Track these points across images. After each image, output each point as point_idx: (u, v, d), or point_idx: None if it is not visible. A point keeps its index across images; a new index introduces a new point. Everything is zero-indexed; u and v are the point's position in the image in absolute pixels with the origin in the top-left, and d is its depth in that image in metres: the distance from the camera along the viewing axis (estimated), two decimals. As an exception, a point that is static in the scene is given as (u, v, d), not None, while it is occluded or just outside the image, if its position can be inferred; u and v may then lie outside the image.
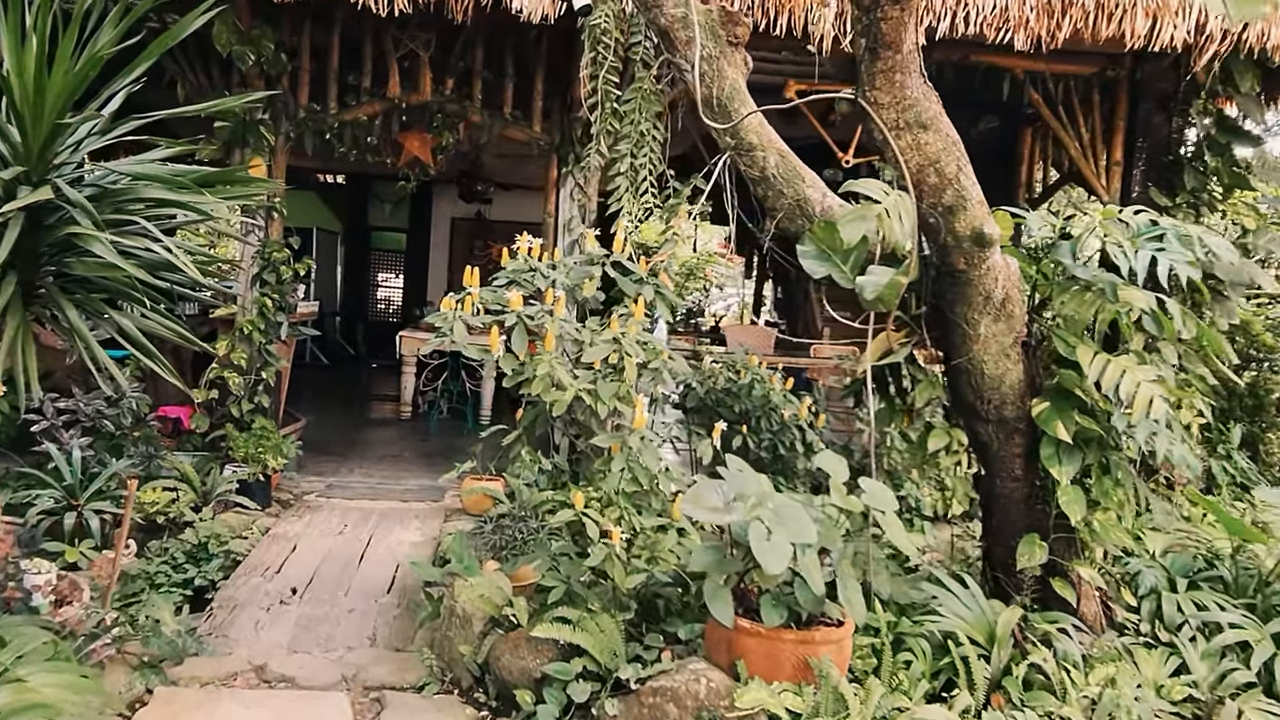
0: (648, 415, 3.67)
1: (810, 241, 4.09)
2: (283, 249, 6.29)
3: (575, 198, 6.76)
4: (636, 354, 3.60)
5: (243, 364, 6.22)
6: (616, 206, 4.25)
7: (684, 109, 4.54)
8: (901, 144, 3.76)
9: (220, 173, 2.98)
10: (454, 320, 3.60)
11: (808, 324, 10.34)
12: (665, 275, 4.08)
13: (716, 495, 3.17)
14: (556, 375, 3.48)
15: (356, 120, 6.47)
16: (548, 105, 6.87)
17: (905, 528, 6.34)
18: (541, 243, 3.88)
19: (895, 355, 4.14)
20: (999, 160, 9.03)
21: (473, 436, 8.74)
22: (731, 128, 4.17)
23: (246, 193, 3.08)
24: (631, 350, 3.59)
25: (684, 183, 4.50)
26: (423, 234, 14.28)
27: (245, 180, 3.05)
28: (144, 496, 5.31)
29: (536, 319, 3.58)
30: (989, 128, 9.35)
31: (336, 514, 5.77)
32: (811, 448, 5.91)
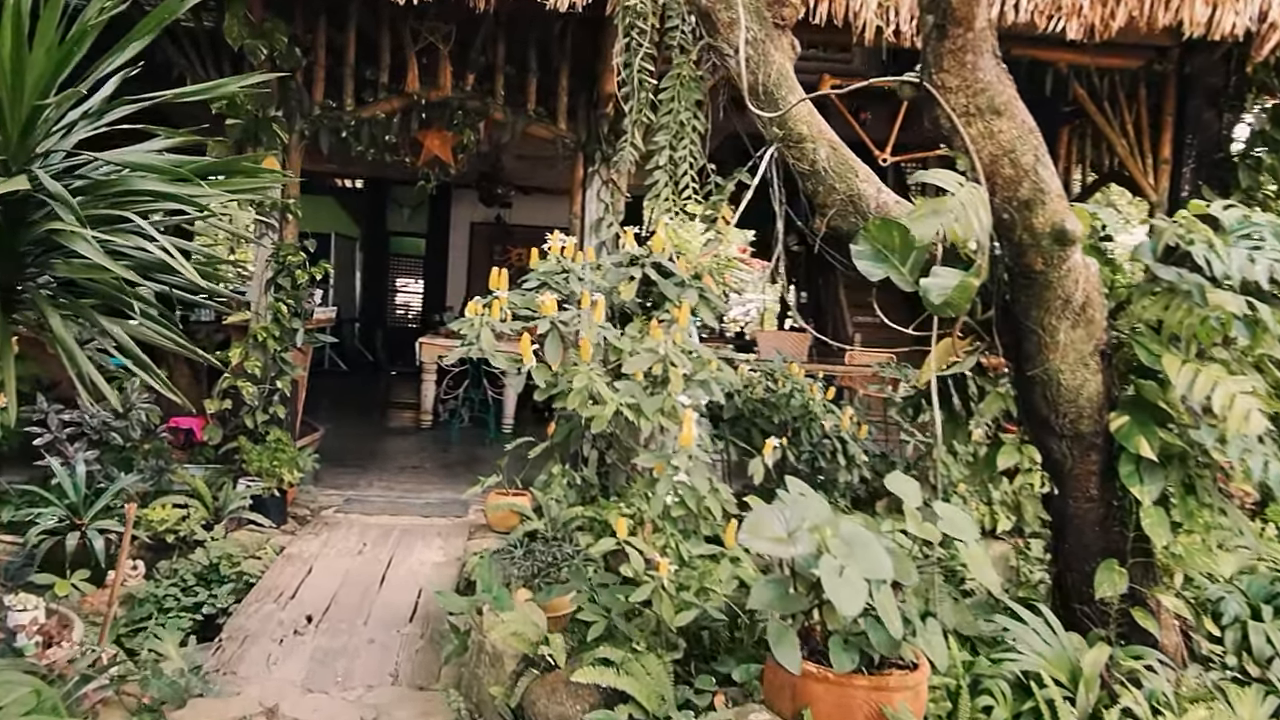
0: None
1: (865, 240, 3.75)
2: (298, 252, 6.01)
3: (602, 197, 6.45)
4: (682, 364, 3.27)
5: (257, 373, 5.93)
6: (655, 203, 3.94)
7: (725, 98, 4.22)
8: (972, 131, 3.42)
9: (223, 163, 2.68)
10: (481, 327, 3.28)
11: (837, 329, 10.00)
12: (709, 278, 3.75)
13: (777, 523, 2.84)
14: (595, 388, 3.15)
15: (374, 118, 6.19)
16: (573, 101, 6.57)
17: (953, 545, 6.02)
18: (575, 242, 3.56)
19: (960, 364, 3.79)
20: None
21: (495, 446, 8.47)
22: (779, 117, 3.85)
23: (254, 185, 2.77)
24: (677, 360, 3.26)
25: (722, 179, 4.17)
26: (441, 239, 14.01)
27: (252, 171, 2.74)
28: (153, 514, 5.03)
29: (571, 325, 3.26)
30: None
31: (355, 531, 5.47)
32: (853, 460, 5.56)
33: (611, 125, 6.37)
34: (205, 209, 2.56)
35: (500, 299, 3.42)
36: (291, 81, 5.98)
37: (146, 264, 2.70)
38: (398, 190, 14.14)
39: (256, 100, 5.77)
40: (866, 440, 5.73)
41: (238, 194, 2.73)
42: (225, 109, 5.72)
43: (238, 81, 2.82)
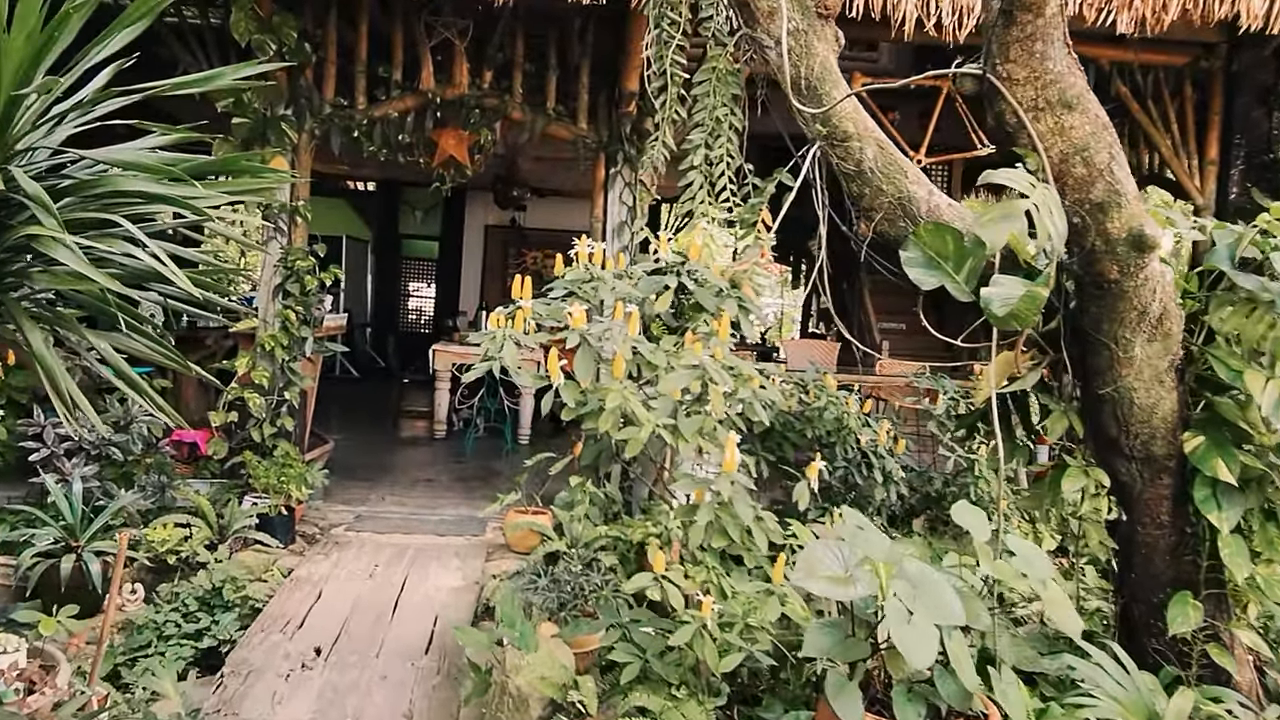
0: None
1: (915, 246, 3.47)
2: (307, 257, 5.75)
3: (625, 200, 6.18)
4: (724, 381, 2.99)
5: (264, 383, 5.68)
6: (689, 205, 3.66)
7: (763, 93, 3.93)
8: (1041, 127, 3.13)
9: (223, 161, 2.41)
10: (504, 340, 3.01)
11: (862, 336, 9.71)
12: (748, 286, 3.47)
13: (834, 560, 2.56)
14: (630, 408, 2.88)
15: (387, 117, 5.92)
16: (594, 100, 6.30)
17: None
18: (604, 248, 3.28)
19: (1022, 380, 3.50)
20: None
21: (512, 458, 8.22)
22: (824, 113, 3.57)
23: (257, 186, 2.50)
24: (718, 377, 2.98)
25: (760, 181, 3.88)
26: (455, 242, 13.77)
27: (254, 170, 2.47)
28: (153, 534, 4.78)
29: (601, 339, 2.99)
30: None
31: (367, 551, 5.20)
32: (890, 477, 5.27)
33: (634, 125, 6.11)
34: (202, 212, 2.29)
35: (524, 309, 3.14)
36: (301, 79, 5.73)
37: (137, 272, 2.43)
38: (410, 192, 13.91)
39: (264, 98, 5.53)
40: (904, 455, 5.44)
41: (239, 195, 2.47)
42: (232, 107, 5.47)
43: (237, 71, 2.55)
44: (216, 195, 2.38)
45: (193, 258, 2.70)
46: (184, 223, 2.59)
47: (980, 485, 5.39)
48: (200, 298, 2.35)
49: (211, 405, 5.85)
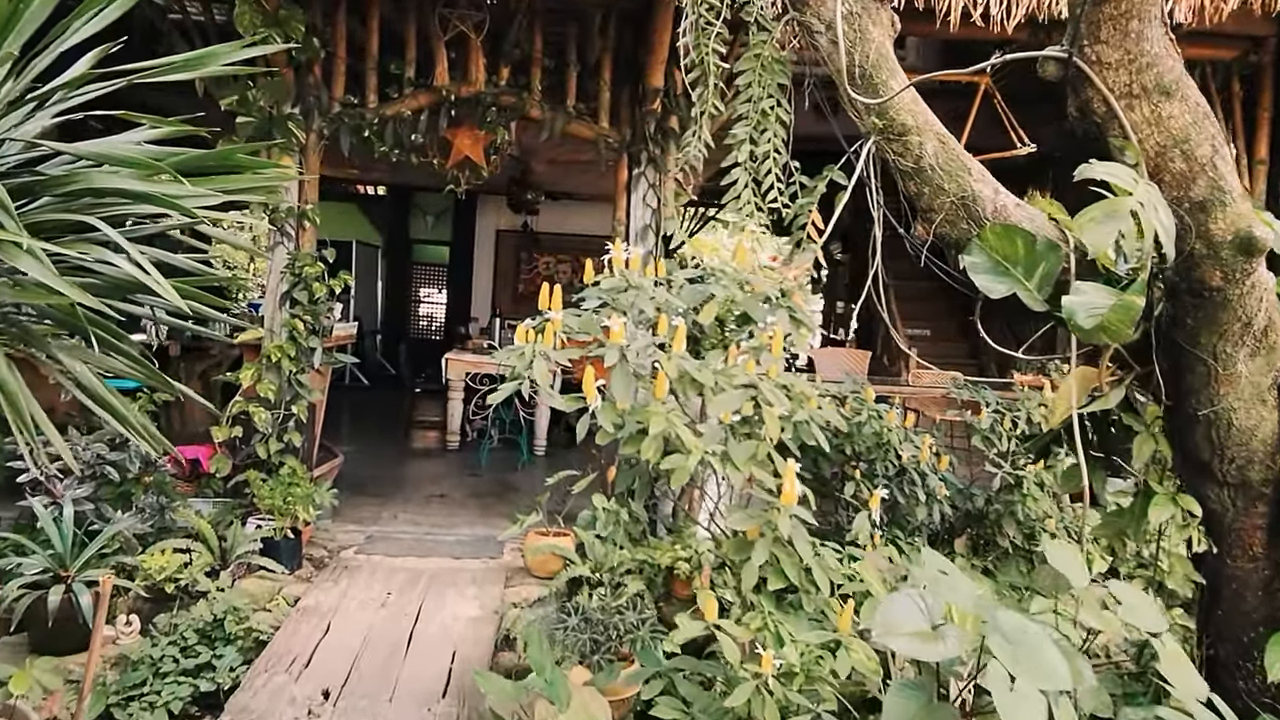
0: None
1: (980, 250, 3.15)
2: (315, 263, 5.44)
3: (649, 202, 5.85)
4: (780, 402, 2.66)
5: (270, 397, 5.36)
6: (734, 206, 3.34)
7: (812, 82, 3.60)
8: (1135, 116, 2.80)
9: (217, 155, 2.09)
10: (533, 357, 2.69)
11: (888, 343, 9.37)
12: (799, 295, 3.14)
13: (917, 613, 2.22)
14: (676, 433, 2.55)
15: (399, 115, 5.61)
16: (616, 97, 5.98)
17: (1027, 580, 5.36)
18: (643, 254, 2.96)
19: (1104, 399, 3.16)
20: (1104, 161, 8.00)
21: (528, 471, 7.91)
22: (880, 105, 3.24)
23: (255, 183, 2.19)
24: (772, 397, 2.66)
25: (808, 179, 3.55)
26: (466, 247, 13.47)
27: (252, 166, 2.15)
28: (150, 560, 4.47)
29: (641, 356, 2.67)
30: (1096, 124, 8.33)
31: (379, 577, 4.88)
32: (933, 496, 4.94)
33: (659, 124, 5.79)
34: (190, 213, 1.98)
35: (554, 321, 2.82)
36: (309, 76, 5.43)
37: (117, 282, 2.12)
38: (421, 197, 13.63)
39: (270, 96, 5.22)
40: (947, 472, 5.10)
41: (236, 194, 2.16)
42: (236, 105, 5.17)
43: (231, 53, 2.24)
44: (208, 194, 2.07)
45: (185, 265, 2.39)
46: (171, 225, 2.28)
47: (1028, 504, 5.05)
48: (188, 311, 2.04)
49: (221, 418, 5.55)
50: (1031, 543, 5.12)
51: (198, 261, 2.36)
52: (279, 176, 2.31)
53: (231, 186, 2.14)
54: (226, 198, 2.12)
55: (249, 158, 2.20)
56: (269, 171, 2.25)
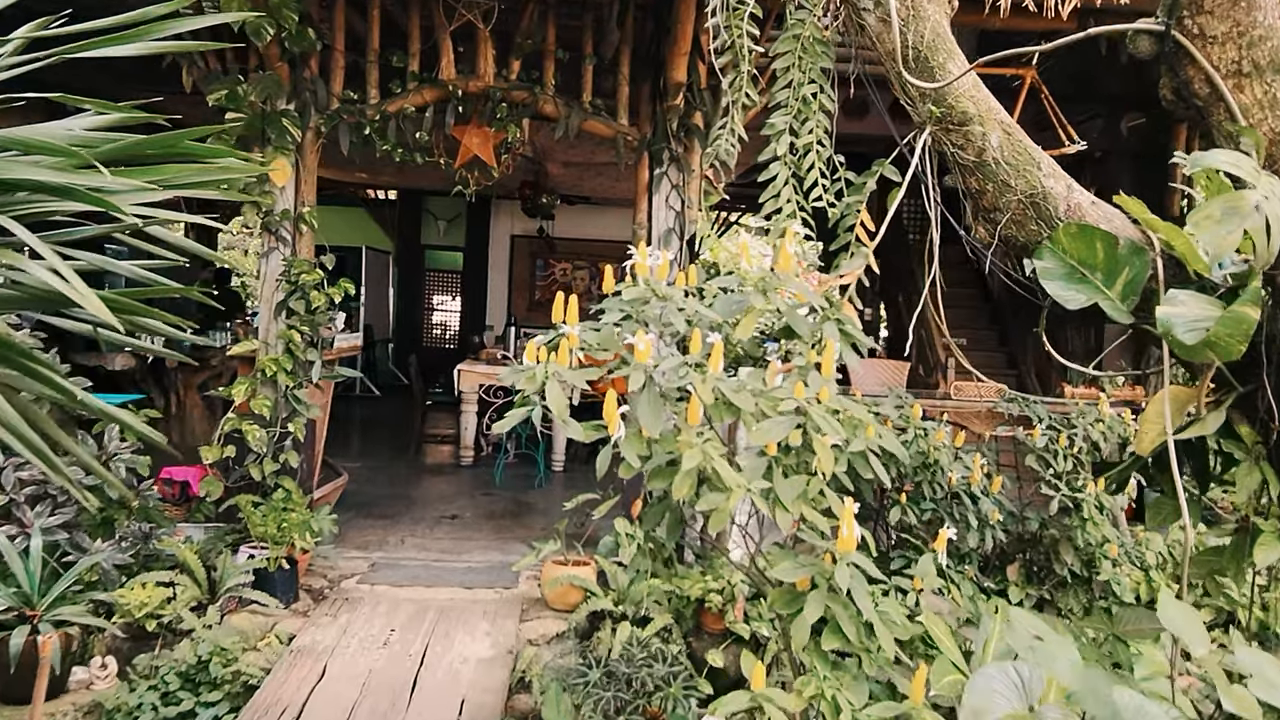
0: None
1: (1052, 255, 2.75)
2: (313, 270, 5.07)
3: (672, 204, 5.46)
4: (833, 430, 2.26)
5: (265, 414, 5.00)
6: (773, 205, 2.94)
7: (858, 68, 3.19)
8: (1245, 98, 2.40)
9: (156, 141, 1.71)
10: (546, 378, 2.29)
11: (923, 353, 8.94)
12: (849, 306, 2.74)
13: (1013, 691, 1.82)
14: (713, 467, 2.15)
15: (402, 112, 5.24)
16: (636, 92, 5.59)
17: (1101, 617, 4.91)
18: (673, 258, 2.56)
19: (1200, 424, 2.73)
20: (1149, 163, 7.56)
21: (544, 490, 7.51)
22: (938, 90, 2.84)
23: (205, 175, 1.81)
24: (824, 425, 2.25)
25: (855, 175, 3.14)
26: (480, 253, 13.13)
27: (203, 154, 1.77)
28: (130, 595, 4.10)
29: (673, 377, 2.27)
30: (1135, 125, 7.92)
31: (382, 611, 4.49)
32: (986, 521, 4.51)
33: (681, 120, 5.39)
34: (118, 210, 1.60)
35: (569, 337, 2.43)
36: (305, 70, 5.07)
37: (36, 293, 1.75)
38: (433, 201, 13.31)
39: (262, 91, 4.86)
40: (1000, 495, 4.67)
41: (181, 188, 1.78)
42: (225, 101, 4.81)
43: (184, 22, 1.87)
44: (145, 188, 1.69)
45: (131, 273, 2.01)
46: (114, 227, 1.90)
47: (1089, 529, 4.62)
48: (118, 326, 1.66)
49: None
50: (1091, 570, 4.69)
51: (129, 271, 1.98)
52: (241, 169, 1.92)
53: (175, 179, 1.76)
54: (169, 193, 1.74)
55: (198, 144, 1.81)
56: (225, 162, 1.87)
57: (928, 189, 2.90)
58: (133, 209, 1.73)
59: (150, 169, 1.73)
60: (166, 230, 1.90)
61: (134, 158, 1.78)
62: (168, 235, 1.89)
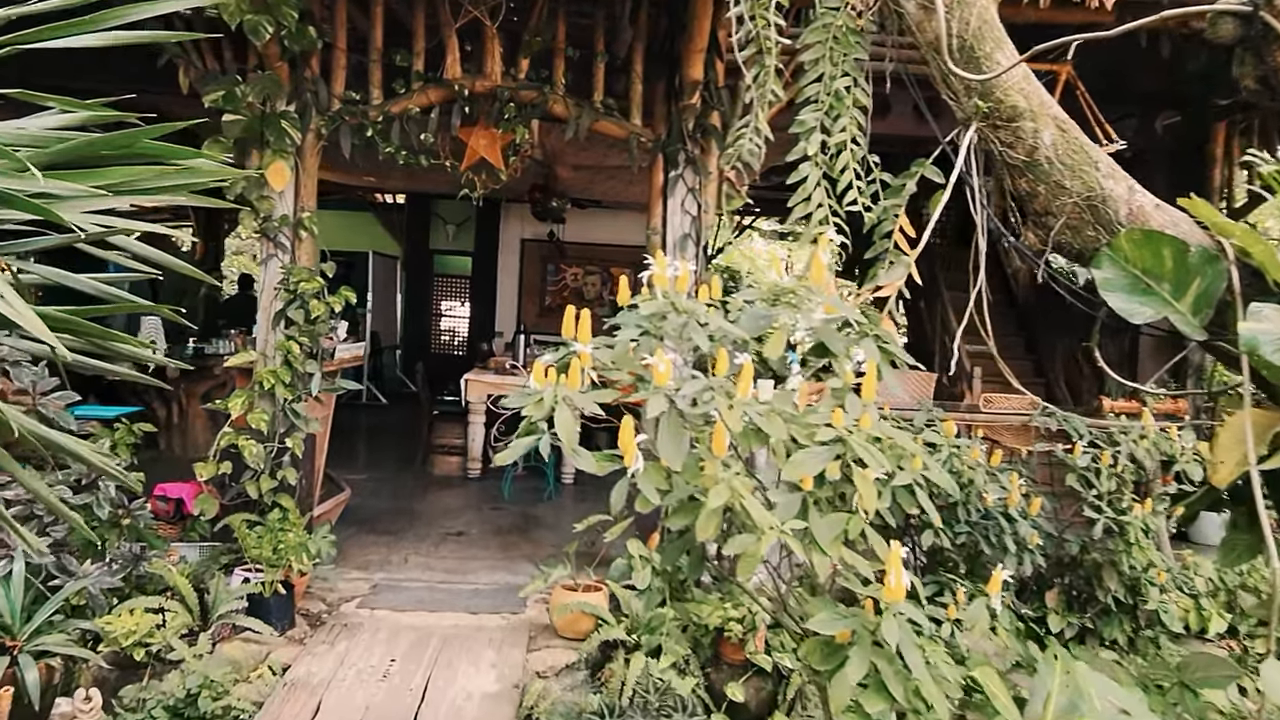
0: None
1: (1113, 264, 2.51)
2: (313, 278, 4.84)
3: (688, 208, 5.22)
4: (876, 462, 2.02)
5: (262, 428, 4.78)
6: (804, 209, 2.70)
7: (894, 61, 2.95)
8: (1342, 86, 2.14)
9: (112, 140, 1.48)
10: (554, 402, 2.06)
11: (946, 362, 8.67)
12: (889, 319, 2.49)
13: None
14: (741, 504, 1.91)
15: (406, 113, 5.02)
16: (649, 92, 5.36)
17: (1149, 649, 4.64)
18: (693, 269, 2.32)
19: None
20: (1184, 163, 7.28)
21: (553, 505, 7.27)
22: (985, 83, 2.60)
23: (165, 181, 1.57)
24: (867, 456, 2.01)
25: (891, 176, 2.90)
26: (490, 257, 12.90)
27: (168, 155, 1.54)
28: (117, 623, 3.88)
29: (697, 401, 2.02)
30: (1169, 123, 7.64)
31: (382, 639, 4.26)
32: (1024, 545, 4.25)
33: (698, 120, 5.15)
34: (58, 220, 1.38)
35: (581, 355, 2.19)
36: (305, 69, 4.85)
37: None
38: (442, 205, 13.10)
39: (260, 92, 4.64)
40: (1040, 516, 4.41)
41: (142, 194, 1.56)
42: (222, 102, 4.60)
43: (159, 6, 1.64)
44: (93, 193, 1.46)
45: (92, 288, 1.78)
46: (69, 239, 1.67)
47: (1134, 554, 4.35)
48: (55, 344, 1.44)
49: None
50: (1137, 597, 4.42)
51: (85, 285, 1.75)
52: (211, 171, 1.68)
53: (131, 183, 1.52)
54: (122, 199, 1.51)
55: (161, 144, 1.58)
56: (196, 163, 1.64)
57: (972, 191, 2.65)
58: (86, 217, 1.51)
59: (104, 171, 1.50)
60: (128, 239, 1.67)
61: (85, 159, 1.55)
62: (132, 245, 1.66)
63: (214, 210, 10.53)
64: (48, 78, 1.61)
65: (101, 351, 1.70)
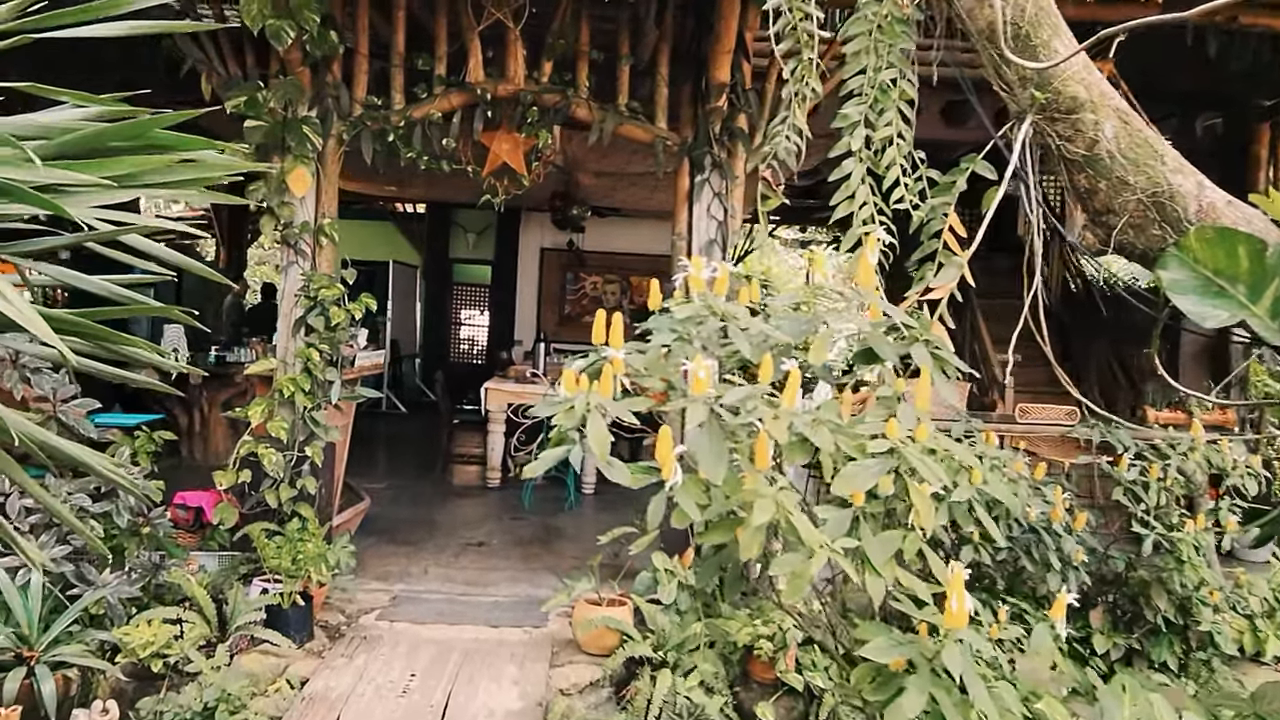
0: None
1: (1181, 264, 2.38)
2: (333, 284, 4.77)
3: (714, 213, 5.11)
4: (933, 476, 1.90)
5: (282, 436, 4.69)
6: (847, 207, 2.59)
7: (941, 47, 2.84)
8: None
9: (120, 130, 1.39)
10: (588, 411, 1.95)
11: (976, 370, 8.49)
12: (938, 325, 2.37)
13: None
14: (791, 522, 1.80)
15: (428, 118, 4.94)
16: (675, 94, 5.26)
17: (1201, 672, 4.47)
18: (732, 272, 2.21)
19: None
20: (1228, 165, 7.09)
21: (575, 515, 7.16)
22: (1043, 73, 2.48)
23: (174, 176, 1.48)
24: (925, 470, 1.89)
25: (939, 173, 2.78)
26: (509, 266, 12.83)
27: (179, 145, 1.45)
28: (135, 633, 3.80)
29: (746, 411, 1.91)
30: (1210, 124, 7.47)
31: (402, 652, 4.16)
32: (1069, 562, 4.10)
33: (724, 123, 5.05)
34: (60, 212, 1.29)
35: (614, 362, 2.08)
36: (327, 74, 4.78)
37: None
38: (462, 214, 13.06)
39: (282, 96, 4.58)
40: (1084, 531, 4.25)
41: (148, 188, 1.46)
42: (244, 107, 4.54)
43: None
44: (102, 185, 1.37)
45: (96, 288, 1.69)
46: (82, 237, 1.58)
47: (1185, 572, 4.19)
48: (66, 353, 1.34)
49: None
50: (1187, 617, 4.25)
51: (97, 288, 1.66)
52: (221, 165, 1.59)
53: (139, 177, 1.43)
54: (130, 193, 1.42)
55: (173, 134, 1.49)
56: (206, 155, 1.54)
57: (1028, 188, 2.53)
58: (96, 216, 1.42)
59: (112, 161, 1.41)
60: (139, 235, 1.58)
61: (94, 151, 1.46)
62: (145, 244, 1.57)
63: (237, 218, 10.52)
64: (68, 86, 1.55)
65: (113, 357, 1.61)
